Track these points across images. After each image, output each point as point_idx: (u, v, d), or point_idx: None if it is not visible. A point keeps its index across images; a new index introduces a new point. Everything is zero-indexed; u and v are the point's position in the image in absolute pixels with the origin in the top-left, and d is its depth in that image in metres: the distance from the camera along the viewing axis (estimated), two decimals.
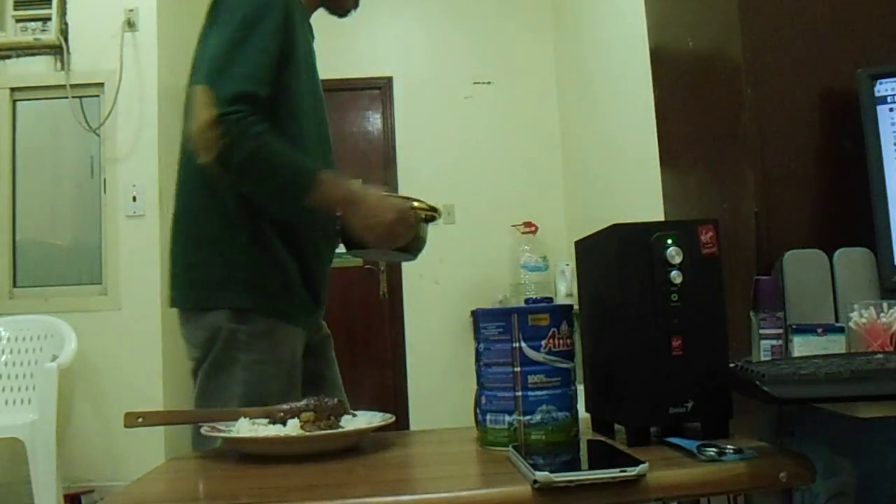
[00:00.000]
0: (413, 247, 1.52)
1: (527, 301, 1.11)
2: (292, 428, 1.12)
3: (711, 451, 0.92)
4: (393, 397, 4.18)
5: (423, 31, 4.53)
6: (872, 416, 0.95)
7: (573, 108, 4.19)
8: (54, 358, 3.06)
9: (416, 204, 1.46)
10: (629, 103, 3.00)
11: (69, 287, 3.51)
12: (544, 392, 1.05)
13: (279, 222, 1.40)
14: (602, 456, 0.99)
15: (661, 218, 1.90)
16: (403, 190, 4.29)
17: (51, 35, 3.49)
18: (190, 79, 1.40)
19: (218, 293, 1.36)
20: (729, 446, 0.92)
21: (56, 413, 2.92)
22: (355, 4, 1.67)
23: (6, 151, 3.55)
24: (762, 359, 1.20)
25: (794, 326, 1.21)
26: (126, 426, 1.16)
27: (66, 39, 3.52)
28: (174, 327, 1.45)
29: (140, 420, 1.15)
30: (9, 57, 3.56)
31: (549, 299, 1.12)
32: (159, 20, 3.58)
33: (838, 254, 1.32)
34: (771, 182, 1.42)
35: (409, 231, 1.42)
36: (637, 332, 1.03)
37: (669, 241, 1.05)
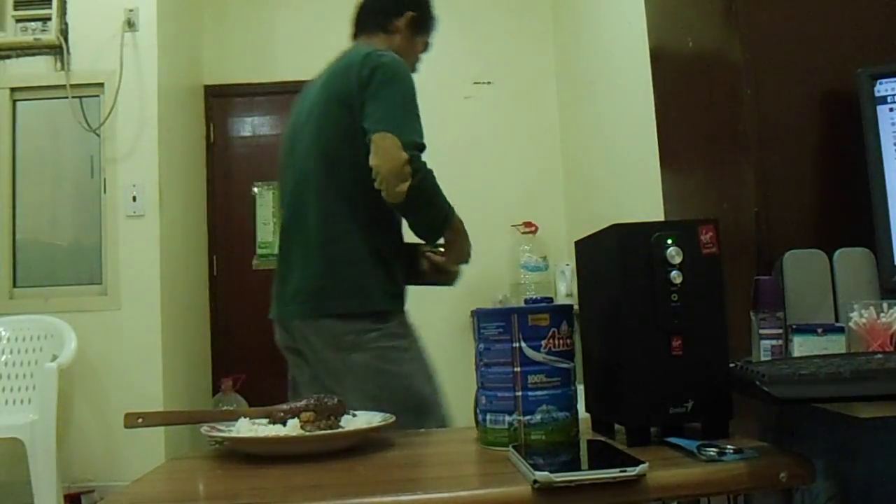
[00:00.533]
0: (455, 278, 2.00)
1: (527, 301, 1.11)
2: (292, 428, 1.12)
3: (711, 451, 0.92)
4: None
5: None
6: (872, 416, 0.95)
7: (573, 108, 4.18)
8: (54, 358, 3.06)
9: None
10: (629, 103, 3.00)
11: (69, 287, 3.51)
12: (544, 392, 1.05)
13: (391, 244, 1.84)
14: (602, 456, 0.99)
15: (661, 218, 1.90)
16: None
17: (51, 35, 3.49)
18: (347, 125, 1.76)
19: (366, 301, 1.74)
20: (729, 446, 0.92)
21: (56, 413, 2.92)
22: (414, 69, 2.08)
23: (6, 151, 3.55)
24: (762, 359, 1.20)
25: (794, 326, 1.21)
26: (126, 427, 1.16)
27: (66, 39, 3.52)
28: (174, 327, 1.47)
29: (140, 421, 1.15)
30: (9, 57, 3.56)
31: (549, 299, 1.12)
32: (159, 20, 3.58)
33: (838, 254, 1.32)
34: (771, 182, 1.42)
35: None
36: (637, 332, 1.03)
37: (669, 241, 1.05)
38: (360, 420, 1.19)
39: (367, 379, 1.71)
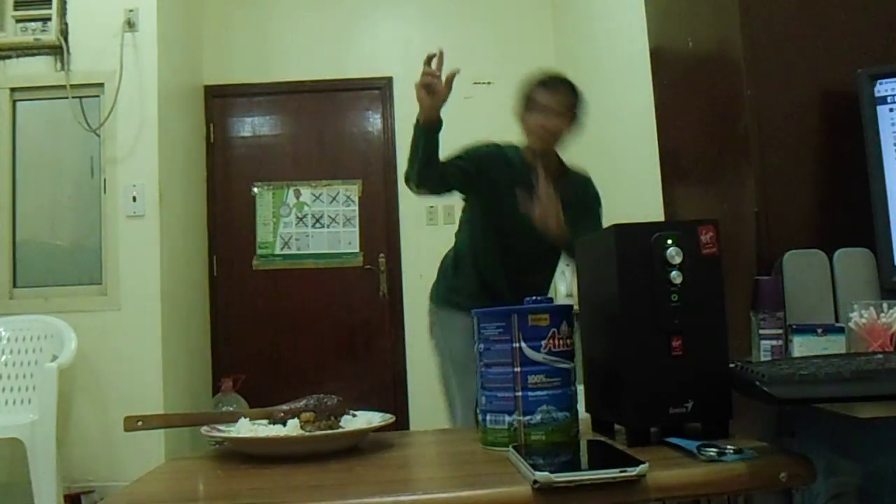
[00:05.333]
0: None
1: (527, 301, 1.11)
2: (292, 428, 1.13)
3: (711, 452, 0.92)
4: (393, 397, 4.18)
5: (423, 31, 4.52)
6: (872, 416, 0.95)
7: None
8: (54, 358, 3.06)
9: None
10: (629, 104, 3.00)
11: (69, 287, 3.51)
12: (544, 392, 1.05)
13: None
14: (602, 456, 0.99)
15: (661, 218, 1.90)
16: (403, 190, 4.29)
17: (51, 35, 3.48)
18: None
19: None
20: (729, 446, 0.92)
21: (56, 413, 2.92)
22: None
23: (6, 151, 3.55)
24: (762, 359, 1.20)
25: (794, 326, 1.21)
26: (126, 430, 1.16)
27: (66, 39, 3.52)
28: (174, 327, 1.46)
29: (140, 423, 1.15)
30: (9, 57, 3.56)
31: (549, 299, 1.12)
32: (159, 20, 3.58)
33: (838, 254, 1.32)
34: (771, 182, 1.42)
35: None
36: (637, 332, 1.03)
37: (669, 242, 1.05)
38: (360, 420, 1.19)
39: None
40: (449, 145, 4.84)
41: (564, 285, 4.04)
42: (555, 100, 2.30)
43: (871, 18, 1.46)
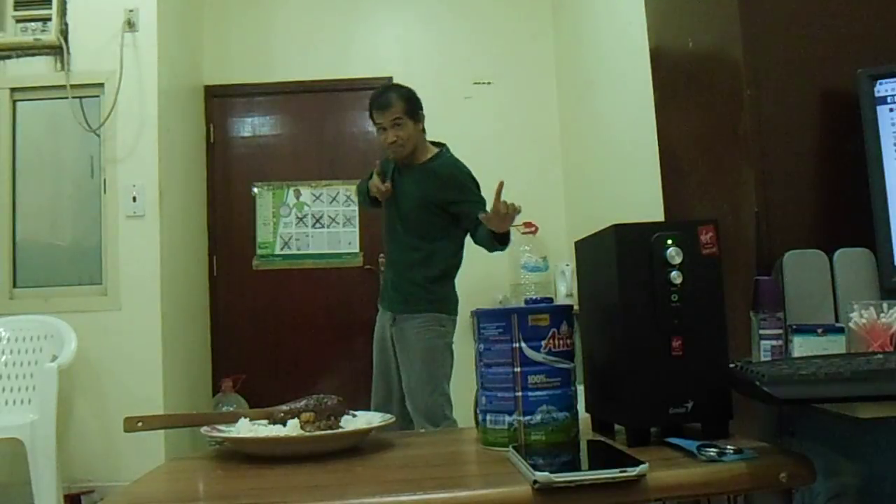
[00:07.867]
0: None
1: (527, 301, 1.11)
2: (292, 428, 1.13)
3: (711, 452, 0.92)
4: None
5: (423, 31, 4.52)
6: (872, 416, 0.95)
7: (573, 108, 4.18)
8: (54, 358, 3.06)
9: None
10: (629, 103, 3.00)
11: (69, 287, 3.51)
12: (544, 392, 1.05)
13: None
14: (602, 456, 0.99)
15: (661, 218, 1.90)
16: None
17: (51, 35, 3.48)
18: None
19: None
20: (729, 446, 0.92)
21: (56, 413, 2.92)
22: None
23: (6, 151, 3.55)
24: (762, 359, 1.20)
25: (794, 326, 1.21)
26: (126, 431, 1.16)
27: (66, 39, 3.52)
28: (174, 327, 1.46)
29: (140, 424, 1.15)
30: (9, 57, 3.56)
31: (549, 299, 1.13)
32: (159, 20, 3.58)
33: (838, 254, 1.32)
34: (771, 182, 1.42)
35: None
36: (637, 332, 1.03)
37: (669, 242, 1.05)
38: (360, 420, 1.19)
39: None
40: (449, 145, 4.85)
41: (564, 285, 4.05)
42: (386, 116, 2.67)
43: (871, 18, 1.46)
